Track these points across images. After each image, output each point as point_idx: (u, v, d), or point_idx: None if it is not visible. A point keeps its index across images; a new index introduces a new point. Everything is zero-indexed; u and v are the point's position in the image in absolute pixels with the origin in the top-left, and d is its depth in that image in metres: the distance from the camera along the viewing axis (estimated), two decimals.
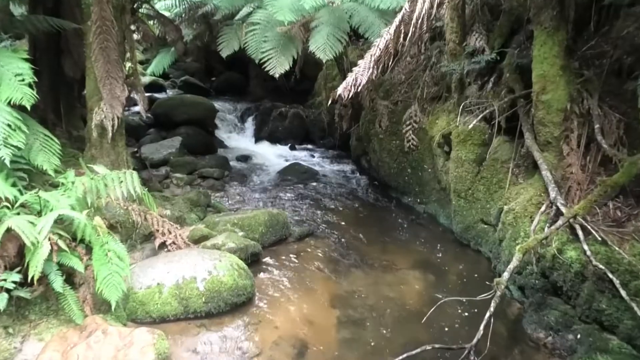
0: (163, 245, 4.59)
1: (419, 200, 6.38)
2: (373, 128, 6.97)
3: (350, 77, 3.90)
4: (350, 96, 3.88)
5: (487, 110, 5.00)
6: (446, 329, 3.82)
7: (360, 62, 3.98)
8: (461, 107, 5.29)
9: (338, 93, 3.91)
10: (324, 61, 5.75)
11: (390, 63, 4.08)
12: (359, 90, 3.87)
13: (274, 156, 9.12)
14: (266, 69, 5.80)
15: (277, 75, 5.75)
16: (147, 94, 6.85)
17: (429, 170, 6.09)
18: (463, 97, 5.49)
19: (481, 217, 5.02)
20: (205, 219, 5.49)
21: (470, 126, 5.04)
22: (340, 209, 6.36)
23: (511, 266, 3.65)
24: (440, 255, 5.10)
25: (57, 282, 3.21)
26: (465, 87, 5.55)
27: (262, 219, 5.16)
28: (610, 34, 4.31)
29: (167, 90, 11.84)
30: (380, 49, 3.91)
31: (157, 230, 4.63)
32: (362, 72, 3.88)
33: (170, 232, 4.68)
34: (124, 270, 3.41)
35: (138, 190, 3.87)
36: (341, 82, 3.98)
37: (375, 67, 3.91)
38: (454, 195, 5.36)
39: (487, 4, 5.69)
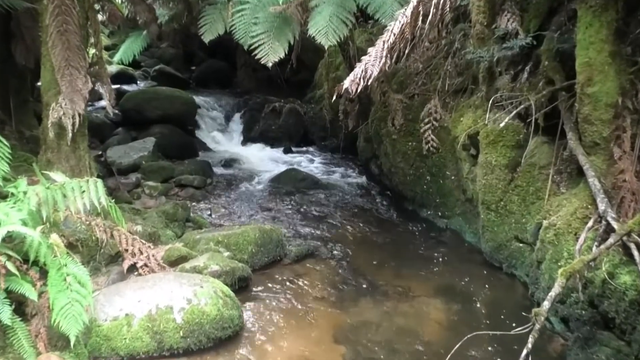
0: (133, 267, 4.58)
1: (440, 214, 6.37)
2: (385, 127, 6.98)
3: (359, 68, 3.90)
4: (358, 90, 3.88)
5: (522, 106, 5.00)
6: None
7: (370, 49, 3.99)
8: (490, 101, 5.30)
9: (344, 87, 3.92)
10: (325, 47, 5.76)
11: (405, 50, 4.09)
12: (369, 83, 3.88)
13: (266, 160, 9.15)
14: (257, 56, 5.81)
15: (269, 64, 5.77)
16: (114, 86, 6.88)
17: (452, 177, 6.09)
18: (492, 89, 5.50)
19: (515, 234, 5.01)
20: (183, 236, 5.49)
21: (502, 124, 5.04)
22: (346, 224, 6.36)
23: (552, 293, 3.63)
24: (466, 280, 5.08)
25: (5, 312, 3.18)
26: (495, 78, 5.56)
27: (251, 236, 5.17)
28: None
29: (138, 82, 11.90)
30: (394, 35, 3.92)
31: (126, 250, 4.63)
32: (373, 62, 3.89)
33: (141, 252, 4.68)
34: (85, 298, 3.39)
35: (103, 201, 3.87)
36: (346, 72, 4.01)
37: (389, 56, 3.92)
38: (482, 208, 5.35)
39: None
